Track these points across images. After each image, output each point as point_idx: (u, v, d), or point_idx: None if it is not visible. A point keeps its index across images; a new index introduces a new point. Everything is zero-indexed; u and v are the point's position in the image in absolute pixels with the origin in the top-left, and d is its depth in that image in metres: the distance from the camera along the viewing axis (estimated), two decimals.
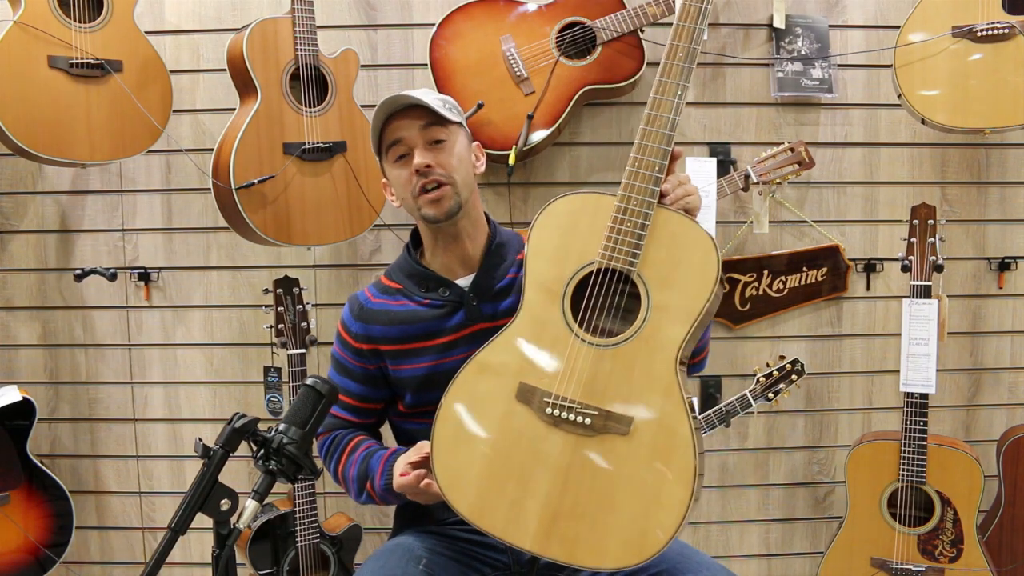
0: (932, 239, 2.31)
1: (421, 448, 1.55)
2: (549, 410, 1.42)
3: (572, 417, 1.40)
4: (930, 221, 2.32)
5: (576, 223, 1.48)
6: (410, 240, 1.77)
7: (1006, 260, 2.67)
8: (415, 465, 1.53)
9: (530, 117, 2.39)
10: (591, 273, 1.46)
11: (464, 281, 1.68)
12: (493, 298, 1.66)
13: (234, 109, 2.36)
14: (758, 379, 2.42)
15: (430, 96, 1.63)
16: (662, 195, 1.47)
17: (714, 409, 2.40)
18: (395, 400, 1.76)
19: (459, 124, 1.67)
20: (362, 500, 1.68)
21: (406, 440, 1.80)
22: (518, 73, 2.41)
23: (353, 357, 1.72)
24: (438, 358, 1.66)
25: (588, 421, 1.39)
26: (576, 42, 2.44)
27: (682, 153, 1.53)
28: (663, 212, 1.45)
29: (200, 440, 1.19)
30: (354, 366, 1.73)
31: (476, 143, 1.75)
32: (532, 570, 1.62)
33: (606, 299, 1.45)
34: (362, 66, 2.42)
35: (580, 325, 1.45)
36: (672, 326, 1.40)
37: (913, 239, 2.32)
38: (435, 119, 1.61)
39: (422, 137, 1.61)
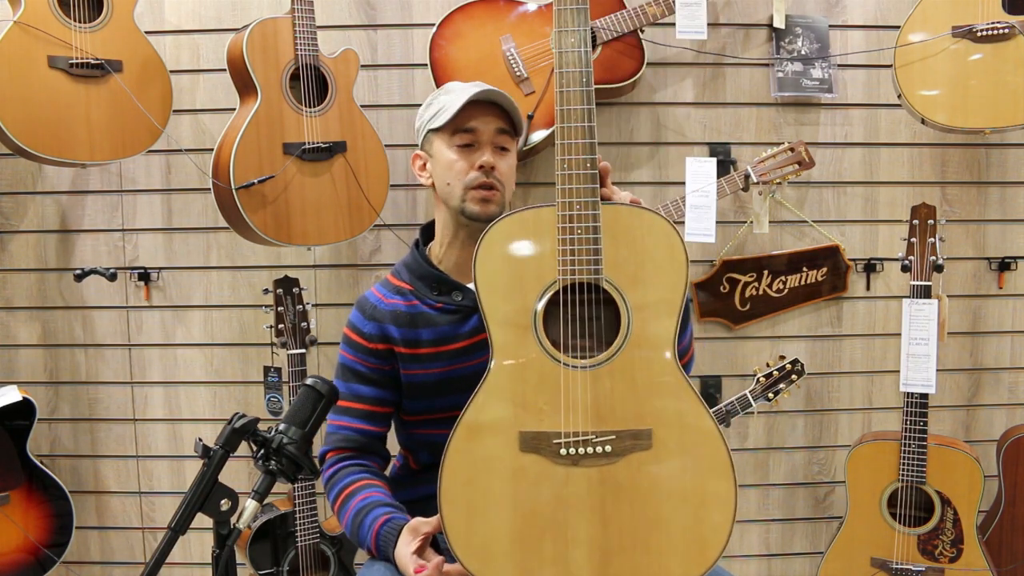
0: (932, 239, 2.31)
1: (417, 530, 1.47)
2: (563, 451, 1.32)
3: (590, 450, 1.31)
4: (930, 221, 2.32)
5: (520, 246, 1.37)
6: (420, 236, 1.74)
7: (1006, 260, 2.67)
8: (420, 550, 1.45)
9: (530, 117, 2.39)
10: (556, 293, 1.35)
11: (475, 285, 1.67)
12: None
13: (234, 109, 2.36)
14: (758, 379, 2.42)
15: (515, 104, 1.63)
16: (603, 193, 1.39)
17: (714, 409, 2.40)
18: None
19: (518, 139, 1.68)
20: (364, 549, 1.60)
21: (409, 442, 1.77)
22: (518, 73, 2.41)
23: (367, 358, 1.67)
24: (451, 364, 1.63)
25: (608, 448, 1.31)
26: None
27: (609, 168, 1.44)
28: (609, 208, 1.36)
29: (200, 440, 1.19)
30: (369, 369, 1.67)
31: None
32: None
33: (581, 316, 1.35)
34: (362, 66, 2.42)
35: (563, 351, 1.35)
36: (658, 322, 1.33)
37: (913, 239, 2.32)
38: (510, 127, 1.63)
39: (493, 139, 1.62)
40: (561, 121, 1.35)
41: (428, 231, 1.75)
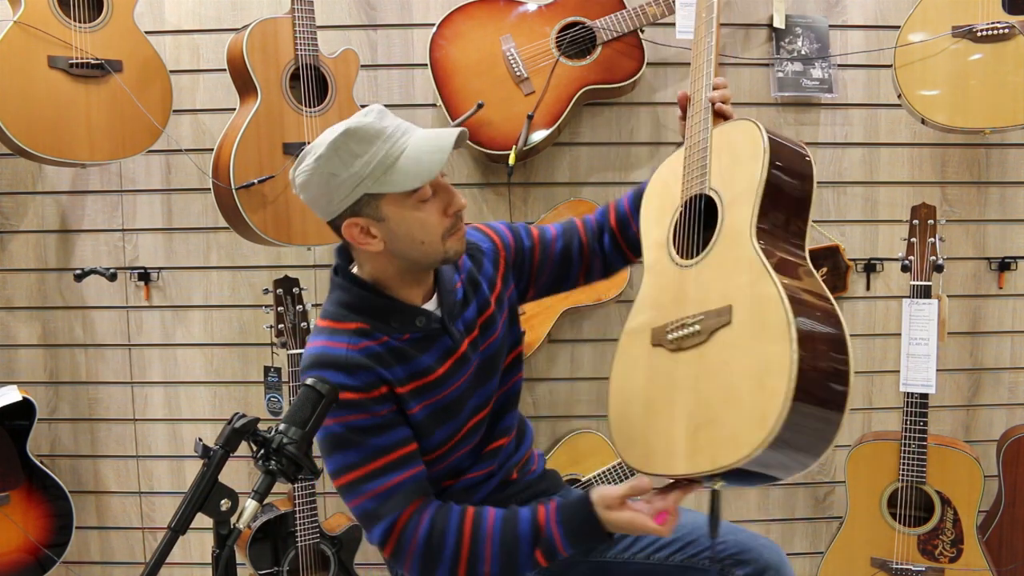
0: (932, 239, 2.31)
1: (640, 487, 1.40)
2: (670, 336, 1.45)
3: (686, 332, 1.43)
4: (930, 221, 2.32)
5: (667, 184, 1.60)
6: (343, 273, 1.54)
7: (1006, 260, 2.67)
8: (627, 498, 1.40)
9: (530, 117, 2.39)
10: (681, 212, 1.55)
11: (430, 306, 1.54)
12: (460, 312, 1.56)
13: (234, 109, 2.36)
14: None
15: (463, 136, 1.47)
16: (716, 114, 1.54)
17: None
18: None
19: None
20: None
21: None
22: (518, 73, 2.41)
23: (374, 407, 1.45)
24: (431, 397, 1.51)
25: (697, 327, 1.41)
26: (576, 42, 2.44)
27: (715, 98, 1.58)
28: (716, 130, 1.53)
29: (200, 440, 1.19)
30: (380, 417, 1.46)
31: None
32: (715, 507, 1.44)
33: (695, 224, 1.52)
34: (362, 66, 2.42)
35: (680, 255, 1.53)
36: (741, 210, 1.44)
37: (913, 239, 2.32)
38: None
39: (440, 179, 1.46)
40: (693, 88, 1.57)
41: (345, 253, 1.57)
